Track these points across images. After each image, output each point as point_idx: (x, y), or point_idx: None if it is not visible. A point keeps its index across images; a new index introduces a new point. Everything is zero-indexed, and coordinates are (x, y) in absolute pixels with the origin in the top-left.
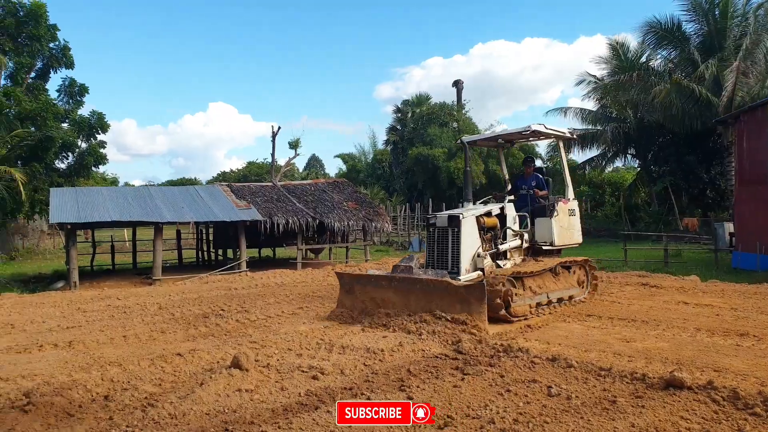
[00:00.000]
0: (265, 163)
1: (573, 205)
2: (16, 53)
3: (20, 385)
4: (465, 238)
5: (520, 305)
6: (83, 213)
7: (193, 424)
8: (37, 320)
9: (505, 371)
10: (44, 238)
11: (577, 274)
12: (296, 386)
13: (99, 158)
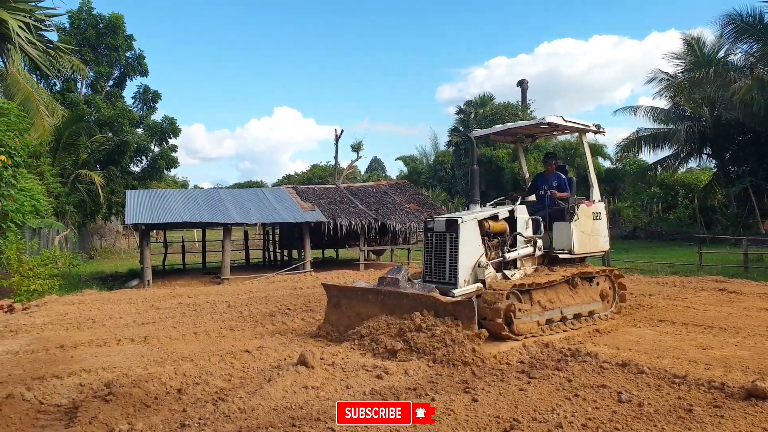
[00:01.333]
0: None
1: (598, 208)
2: (96, 63)
3: (101, 377)
4: (464, 244)
5: (526, 322)
6: (156, 214)
7: (261, 418)
8: (115, 316)
9: (572, 375)
10: (120, 238)
11: (601, 287)
12: (361, 385)
13: (171, 162)
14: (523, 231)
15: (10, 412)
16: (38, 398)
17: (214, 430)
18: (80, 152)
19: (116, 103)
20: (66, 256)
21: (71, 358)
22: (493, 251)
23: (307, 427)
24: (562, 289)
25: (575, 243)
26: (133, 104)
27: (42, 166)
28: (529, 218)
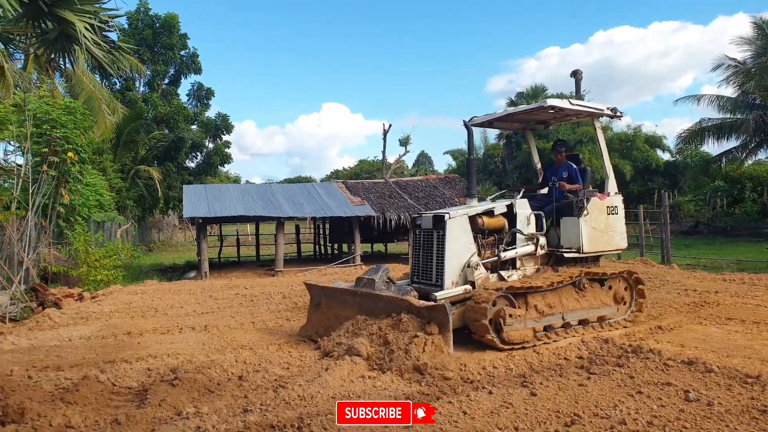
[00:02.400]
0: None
1: (614, 202)
2: (152, 62)
3: (167, 362)
4: (452, 242)
5: (518, 329)
6: (212, 208)
7: (320, 406)
8: (176, 305)
9: (635, 372)
10: (176, 231)
11: (615, 290)
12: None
13: (224, 157)
14: (523, 227)
15: (86, 392)
16: (111, 380)
17: (276, 415)
18: (139, 149)
19: (172, 100)
20: (127, 248)
21: (138, 345)
22: (489, 250)
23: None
24: (567, 293)
25: (584, 240)
26: (188, 101)
27: (104, 162)
28: (531, 213)
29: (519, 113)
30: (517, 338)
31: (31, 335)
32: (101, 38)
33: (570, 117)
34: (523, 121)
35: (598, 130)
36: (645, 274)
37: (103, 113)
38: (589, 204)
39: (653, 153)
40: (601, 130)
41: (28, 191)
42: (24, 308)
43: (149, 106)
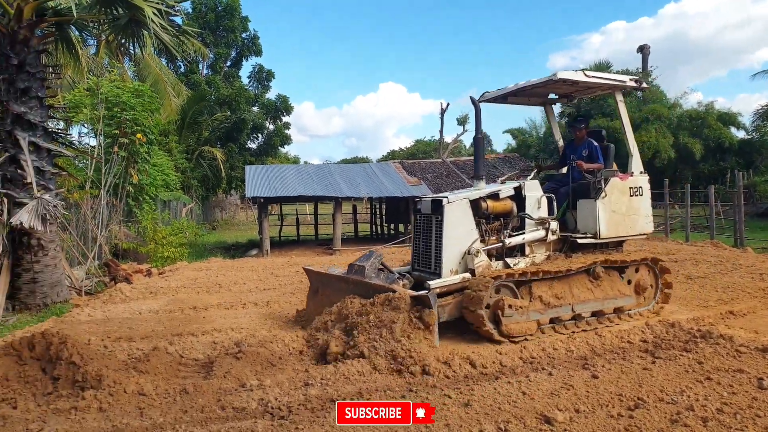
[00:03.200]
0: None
1: (638, 182)
2: (215, 45)
3: (231, 336)
4: (450, 228)
5: (519, 321)
6: (273, 188)
7: (379, 382)
8: (239, 282)
9: (703, 358)
10: (238, 211)
11: (636, 279)
12: (482, 357)
13: (284, 138)
14: (533, 211)
15: (156, 363)
16: (179, 352)
17: (335, 390)
18: (202, 130)
19: (234, 82)
20: (192, 226)
21: (203, 319)
22: (494, 236)
23: (425, 393)
24: (579, 282)
25: (602, 225)
26: (249, 83)
27: (170, 143)
28: (543, 196)
29: (530, 87)
30: (518, 331)
31: (105, 308)
32: (168, 23)
33: (593, 90)
34: (542, 96)
35: (620, 103)
36: (715, 257)
37: (169, 96)
38: (608, 185)
39: (726, 131)
40: (624, 103)
41: (100, 171)
42: (98, 282)
43: (212, 89)
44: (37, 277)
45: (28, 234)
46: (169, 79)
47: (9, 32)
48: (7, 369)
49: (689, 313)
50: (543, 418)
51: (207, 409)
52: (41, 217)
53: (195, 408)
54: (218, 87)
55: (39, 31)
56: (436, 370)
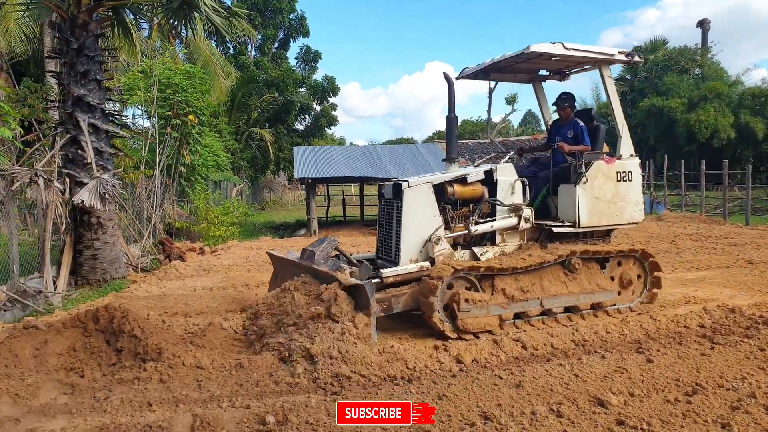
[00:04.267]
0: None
1: (627, 166)
2: (263, 26)
3: None
4: (410, 214)
5: (478, 316)
6: (321, 169)
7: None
8: None
9: (766, 345)
10: (285, 191)
11: (620, 272)
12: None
13: (331, 120)
14: (505, 197)
15: (212, 337)
16: (233, 328)
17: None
18: (251, 112)
19: (281, 64)
20: (242, 206)
21: (255, 296)
22: (463, 223)
23: (475, 373)
24: (551, 275)
25: (581, 212)
26: (296, 64)
27: (220, 124)
28: (517, 180)
29: (504, 62)
30: (476, 326)
31: (161, 284)
32: (218, 5)
33: (581, 64)
34: (530, 72)
35: (608, 78)
36: None
37: (219, 77)
38: (590, 169)
39: None
40: (612, 78)
41: (154, 152)
42: (153, 260)
43: (260, 70)
44: (97, 254)
45: (89, 212)
46: (219, 61)
47: (69, 17)
48: (74, 340)
49: (750, 299)
50: (596, 401)
51: (261, 383)
52: (101, 196)
53: (250, 382)
54: (266, 68)
55: (96, 16)
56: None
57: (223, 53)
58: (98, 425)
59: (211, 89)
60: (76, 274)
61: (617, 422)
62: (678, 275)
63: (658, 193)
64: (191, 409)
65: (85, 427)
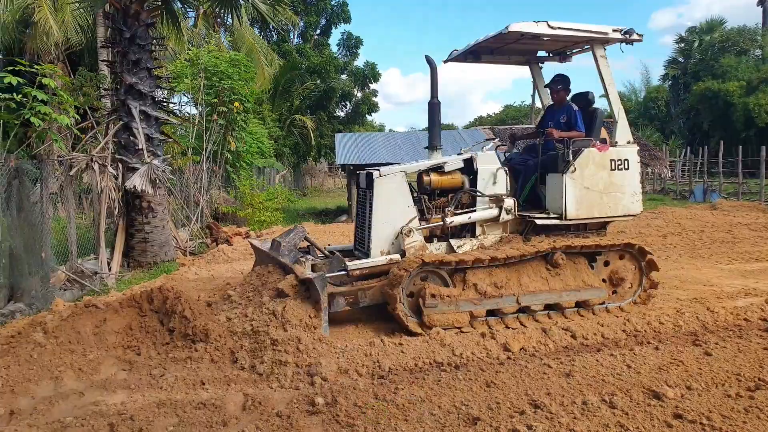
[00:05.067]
0: (522, 106)
1: (623, 154)
2: (305, 13)
3: None
4: (381, 204)
5: (446, 312)
6: (362, 156)
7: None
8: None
9: None
10: (326, 178)
11: (612, 269)
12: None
13: (372, 106)
14: (486, 187)
15: None
16: None
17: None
18: (293, 99)
19: (323, 51)
20: (285, 192)
21: None
22: (441, 214)
23: (523, 362)
24: (532, 270)
25: (568, 203)
26: (338, 51)
27: (264, 111)
28: (499, 169)
29: (495, 43)
30: (444, 323)
31: (209, 267)
32: None
33: (575, 45)
34: (526, 54)
35: (601, 59)
36: None
37: (262, 65)
38: (579, 157)
39: None
40: (606, 59)
41: (201, 139)
42: (200, 243)
43: (302, 57)
44: (147, 237)
45: (140, 197)
46: (262, 49)
47: (122, 7)
48: (131, 319)
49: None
50: (651, 393)
51: None
52: (151, 181)
53: None
54: (308, 55)
55: (147, 6)
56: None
57: (266, 41)
58: (155, 401)
59: (255, 76)
60: (128, 257)
61: (674, 415)
62: (736, 266)
63: (713, 180)
64: (242, 388)
65: (143, 402)
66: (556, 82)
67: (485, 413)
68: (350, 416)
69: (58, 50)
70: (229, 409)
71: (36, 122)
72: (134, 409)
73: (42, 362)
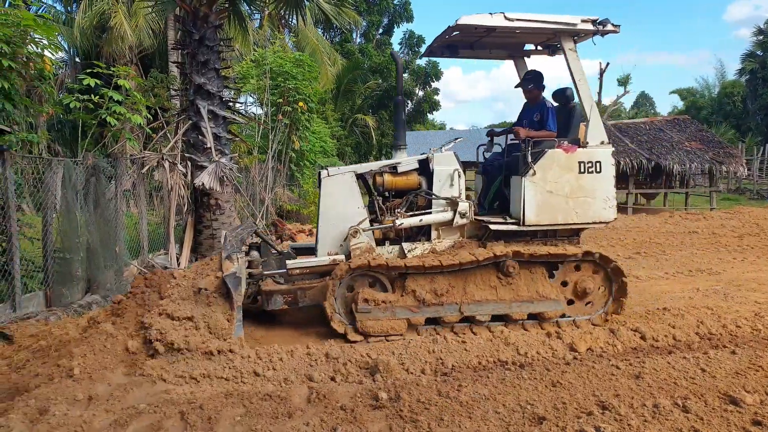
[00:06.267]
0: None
1: (595, 155)
2: (368, 12)
3: None
4: (329, 205)
5: (381, 319)
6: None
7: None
8: None
9: None
10: None
11: (576, 280)
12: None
13: (433, 105)
14: (443, 188)
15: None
16: None
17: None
18: (356, 98)
19: (385, 50)
20: None
21: None
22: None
23: (590, 362)
24: (480, 278)
25: (527, 208)
26: (400, 50)
27: (327, 111)
28: (456, 170)
29: (475, 36)
30: (379, 330)
31: None
32: None
33: (542, 37)
34: (509, 48)
35: (570, 52)
36: None
37: (325, 65)
38: (542, 158)
39: None
40: (575, 53)
41: (266, 138)
42: None
43: (364, 57)
44: (215, 234)
45: (208, 194)
46: (325, 49)
47: (192, 10)
48: None
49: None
50: (728, 399)
51: None
52: (219, 179)
53: None
54: (371, 55)
55: (216, 8)
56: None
57: (330, 41)
58: (223, 391)
59: (318, 76)
60: (197, 252)
61: (753, 422)
62: None
63: None
64: (306, 381)
65: (211, 391)
66: (527, 80)
67: (551, 413)
68: (414, 412)
69: (132, 53)
70: (294, 401)
71: (112, 122)
72: (203, 399)
73: (115, 351)
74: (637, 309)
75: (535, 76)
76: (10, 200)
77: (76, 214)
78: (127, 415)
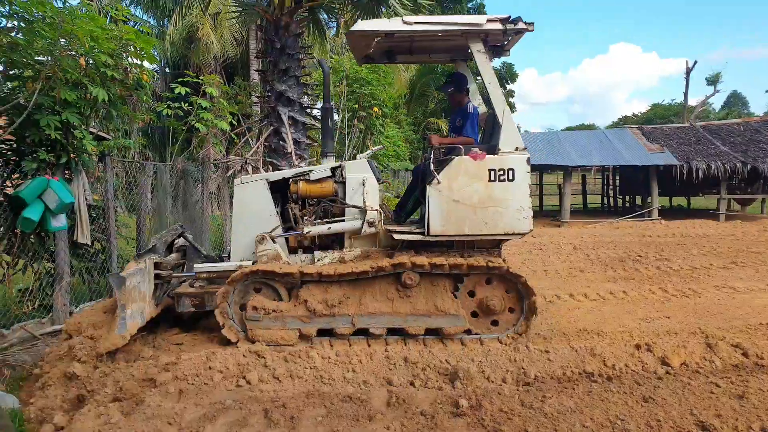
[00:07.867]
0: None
1: (508, 162)
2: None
3: None
4: (240, 212)
5: (272, 328)
6: None
7: None
8: None
9: None
10: None
11: (482, 295)
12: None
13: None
14: (354, 197)
15: None
16: None
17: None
18: (429, 102)
19: None
20: None
21: None
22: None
23: (686, 378)
24: (378, 290)
25: (432, 218)
26: None
27: (400, 115)
28: (369, 179)
29: (419, 40)
30: (269, 339)
31: None
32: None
33: (451, 40)
34: (450, 51)
35: (479, 54)
36: None
37: (399, 70)
38: (448, 166)
39: None
40: (485, 55)
41: (343, 143)
42: None
43: None
44: None
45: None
46: None
47: (273, 20)
48: None
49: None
50: None
51: None
52: None
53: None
54: None
55: (296, 17)
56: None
57: None
58: (304, 390)
59: (392, 81)
60: None
61: None
62: None
63: None
64: (385, 385)
65: (293, 391)
66: (447, 84)
67: (644, 431)
68: (496, 421)
69: (216, 63)
70: (375, 404)
71: (201, 128)
72: (285, 398)
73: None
74: (736, 323)
75: (456, 80)
76: (110, 201)
77: (167, 215)
78: (215, 410)
